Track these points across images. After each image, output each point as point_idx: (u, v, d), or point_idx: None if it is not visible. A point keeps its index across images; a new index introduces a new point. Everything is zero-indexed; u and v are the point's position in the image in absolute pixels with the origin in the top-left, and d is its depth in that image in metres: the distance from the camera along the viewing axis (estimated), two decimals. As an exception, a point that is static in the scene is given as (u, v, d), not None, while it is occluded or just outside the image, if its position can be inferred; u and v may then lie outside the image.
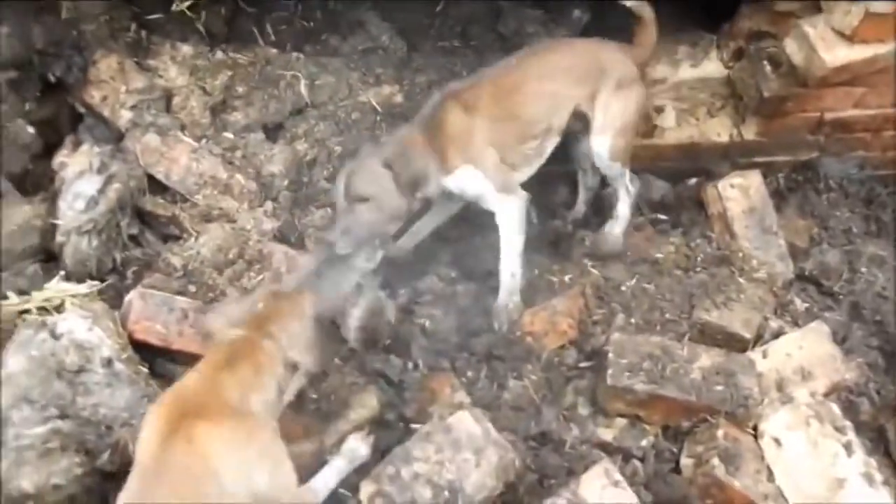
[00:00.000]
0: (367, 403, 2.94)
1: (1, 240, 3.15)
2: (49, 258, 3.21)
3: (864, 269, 3.62)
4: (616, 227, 3.59)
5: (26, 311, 2.96)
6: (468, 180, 3.24)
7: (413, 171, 3.10)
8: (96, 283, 3.09)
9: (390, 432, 2.91)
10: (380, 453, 2.77)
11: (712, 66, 3.83)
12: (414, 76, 3.77)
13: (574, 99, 3.36)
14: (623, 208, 3.58)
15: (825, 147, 3.83)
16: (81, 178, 3.21)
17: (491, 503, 2.69)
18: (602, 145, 3.43)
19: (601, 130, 3.41)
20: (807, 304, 3.52)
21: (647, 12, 3.47)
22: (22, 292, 3.03)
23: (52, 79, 3.51)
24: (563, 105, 3.36)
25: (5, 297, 2.99)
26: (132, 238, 3.28)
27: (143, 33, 3.66)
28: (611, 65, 3.40)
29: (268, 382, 2.48)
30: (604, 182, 3.66)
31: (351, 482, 2.69)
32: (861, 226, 3.79)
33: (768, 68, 3.59)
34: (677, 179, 3.85)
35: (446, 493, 2.62)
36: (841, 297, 3.57)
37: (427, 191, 3.17)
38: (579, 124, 3.42)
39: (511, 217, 3.27)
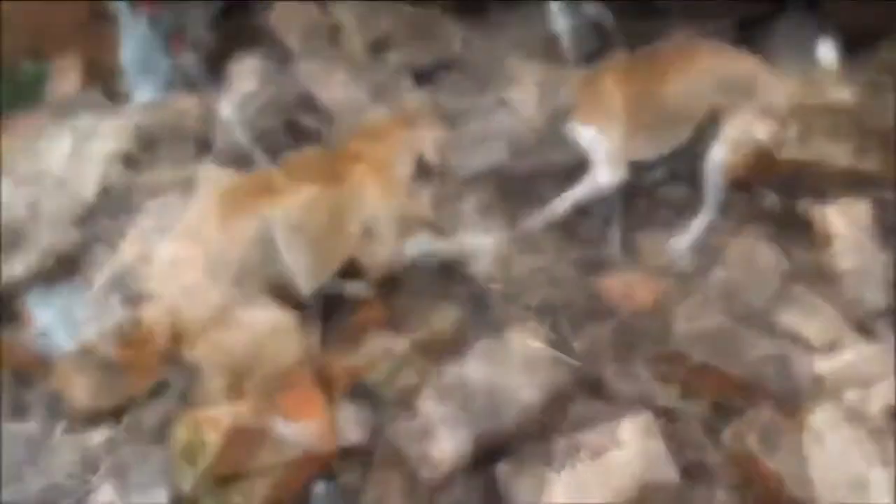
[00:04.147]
0: (448, 317, 3.20)
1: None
2: (203, 145, 3.65)
3: (963, 316, 3.58)
4: (683, 242, 3.67)
5: (170, 184, 3.43)
6: (585, 137, 3.51)
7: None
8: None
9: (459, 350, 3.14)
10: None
11: (842, 92, 3.86)
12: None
13: (713, 107, 3.55)
14: (700, 223, 3.68)
15: (952, 192, 3.76)
16: (243, 80, 3.65)
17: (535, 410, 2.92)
18: (719, 154, 3.58)
19: (725, 140, 3.58)
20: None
21: None
22: (172, 168, 3.50)
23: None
24: (700, 108, 3.56)
25: (156, 170, 3.47)
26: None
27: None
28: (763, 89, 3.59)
29: None
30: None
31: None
32: (974, 273, 3.71)
33: (900, 102, 3.62)
34: (788, 195, 3.90)
35: (496, 396, 2.87)
36: (933, 341, 3.53)
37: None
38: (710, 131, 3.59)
39: (591, 185, 3.53)
